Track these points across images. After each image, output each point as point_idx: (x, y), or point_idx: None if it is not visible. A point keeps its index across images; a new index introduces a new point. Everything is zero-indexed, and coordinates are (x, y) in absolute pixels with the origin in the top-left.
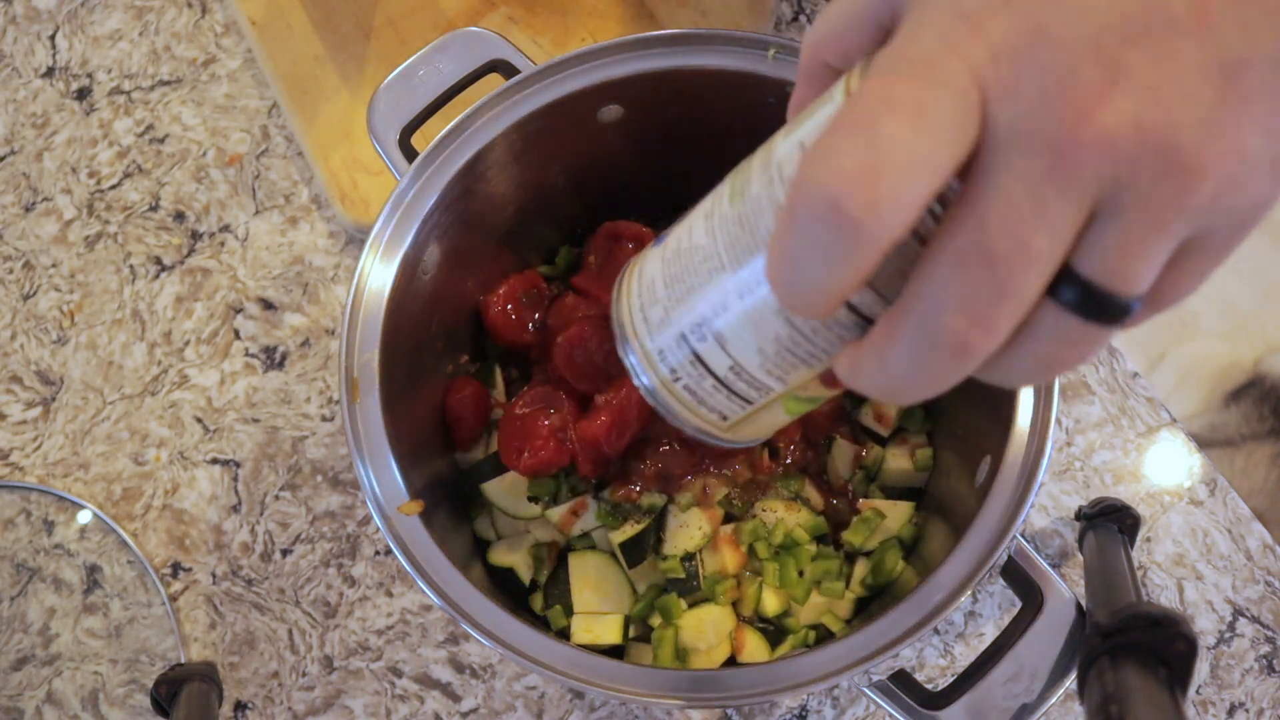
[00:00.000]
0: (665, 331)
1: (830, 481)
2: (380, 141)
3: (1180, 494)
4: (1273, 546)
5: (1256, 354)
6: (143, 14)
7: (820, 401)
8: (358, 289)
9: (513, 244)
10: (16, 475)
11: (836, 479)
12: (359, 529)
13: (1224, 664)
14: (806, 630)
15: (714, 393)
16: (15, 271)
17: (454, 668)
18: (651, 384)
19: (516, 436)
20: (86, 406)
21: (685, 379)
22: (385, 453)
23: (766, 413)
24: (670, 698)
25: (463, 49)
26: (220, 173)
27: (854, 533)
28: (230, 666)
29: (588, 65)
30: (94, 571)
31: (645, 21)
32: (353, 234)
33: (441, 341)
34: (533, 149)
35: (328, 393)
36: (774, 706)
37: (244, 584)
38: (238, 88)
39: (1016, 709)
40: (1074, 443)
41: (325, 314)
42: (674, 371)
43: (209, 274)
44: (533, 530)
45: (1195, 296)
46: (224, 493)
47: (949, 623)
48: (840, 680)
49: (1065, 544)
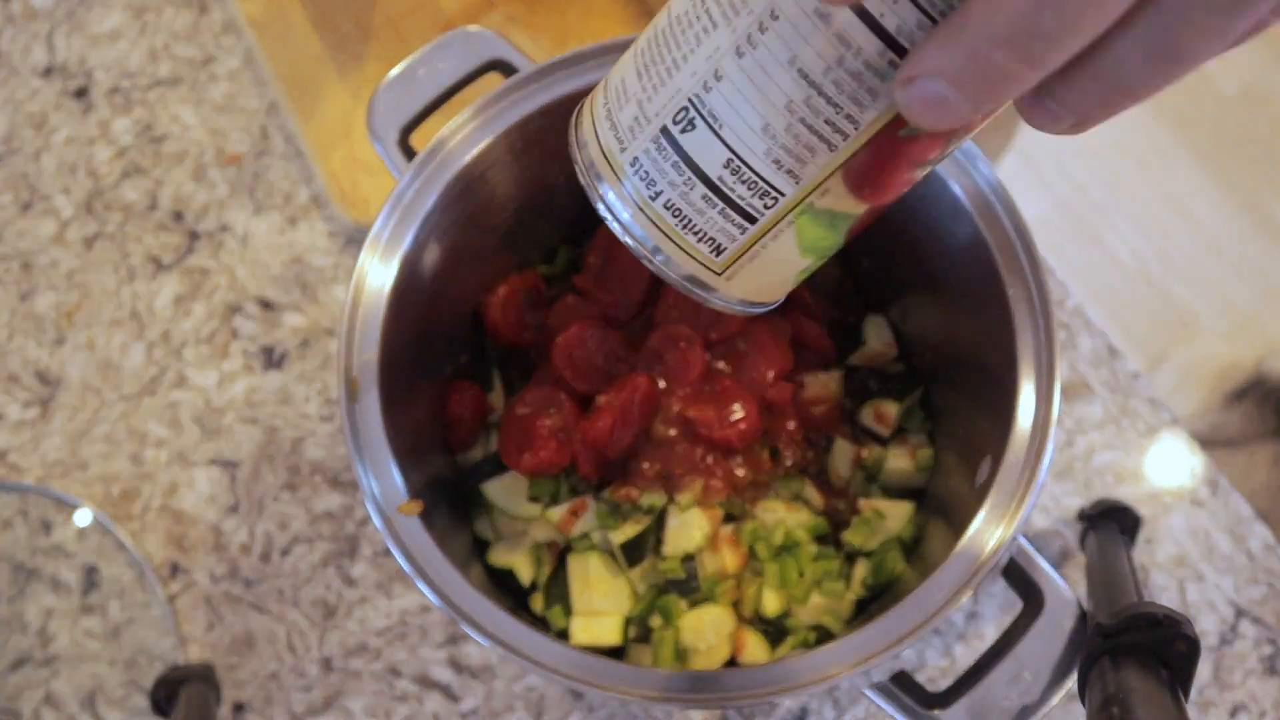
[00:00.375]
0: (641, 133)
1: (830, 482)
2: (380, 141)
3: (1182, 494)
4: (1275, 547)
5: (1257, 354)
6: (141, 13)
7: (843, 233)
8: (357, 289)
9: (513, 244)
10: (14, 475)
11: (837, 479)
12: (358, 529)
13: (1226, 665)
14: (806, 631)
15: (706, 208)
16: (13, 271)
17: (453, 668)
18: (629, 215)
19: (517, 437)
20: (85, 407)
21: (668, 192)
22: (385, 453)
23: (775, 244)
24: (670, 698)
25: (462, 49)
26: (219, 172)
27: (854, 533)
28: (229, 667)
29: (588, 65)
30: (92, 572)
31: (645, 21)
32: (352, 234)
33: (441, 341)
34: (533, 149)
35: (327, 393)
36: (774, 707)
37: (243, 585)
38: (237, 87)
39: (1017, 710)
40: (1075, 443)
41: (325, 314)
42: (652, 185)
43: (208, 274)
44: (532, 531)
45: (1195, 297)
46: (223, 493)
47: (949, 623)
48: (840, 681)
49: (1066, 544)
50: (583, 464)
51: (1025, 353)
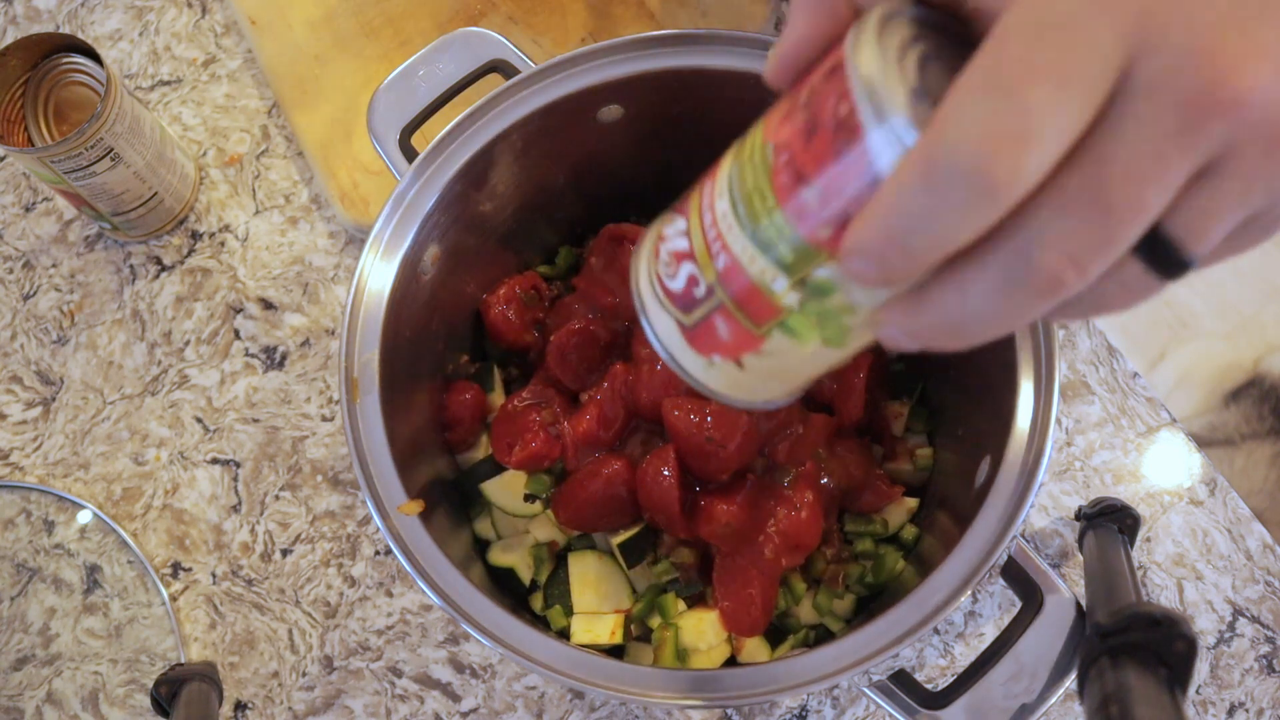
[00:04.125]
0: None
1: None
2: (380, 141)
3: (1180, 494)
4: (1273, 546)
5: (1256, 354)
6: (143, 14)
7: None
8: (358, 289)
9: (513, 244)
10: (16, 475)
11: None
12: (359, 529)
13: (1224, 664)
14: (806, 630)
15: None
16: (15, 271)
17: (454, 668)
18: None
19: (508, 432)
20: (86, 406)
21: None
22: (385, 452)
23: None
24: (670, 698)
25: (463, 49)
26: (220, 173)
27: (853, 524)
28: (230, 666)
29: (588, 65)
30: (94, 571)
31: (645, 21)
32: (353, 234)
33: (441, 341)
34: (533, 149)
35: (328, 393)
36: (774, 706)
37: (244, 584)
38: (238, 88)
39: (1016, 709)
40: (1074, 443)
41: (325, 314)
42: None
43: (209, 274)
44: (532, 530)
45: (1195, 297)
46: (224, 493)
47: (949, 623)
48: (840, 680)
49: (1065, 544)
50: (569, 459)
51: (1024, 352)
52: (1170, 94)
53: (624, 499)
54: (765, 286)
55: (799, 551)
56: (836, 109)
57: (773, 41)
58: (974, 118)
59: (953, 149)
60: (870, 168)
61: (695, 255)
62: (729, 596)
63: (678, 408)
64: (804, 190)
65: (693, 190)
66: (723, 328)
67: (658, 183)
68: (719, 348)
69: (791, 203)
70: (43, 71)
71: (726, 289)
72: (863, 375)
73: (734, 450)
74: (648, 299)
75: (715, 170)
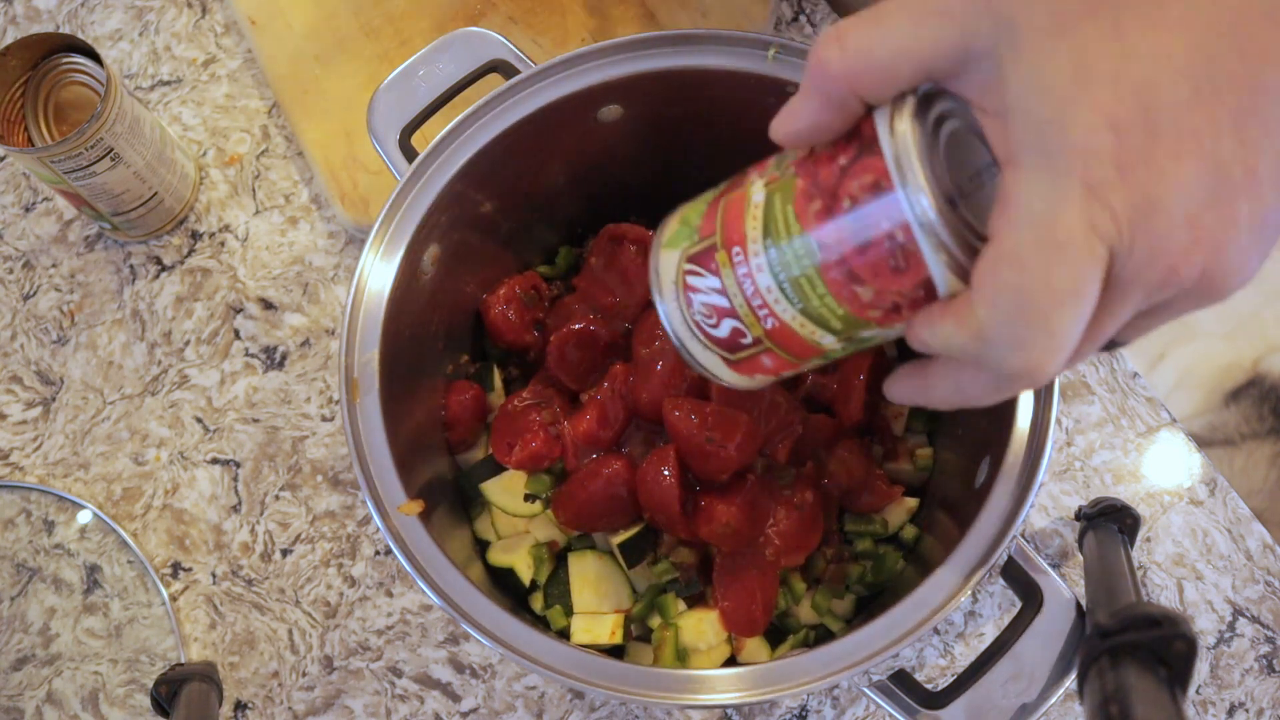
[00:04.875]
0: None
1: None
2: (380, 141)
3: (1180, 494)
4: (1272, 546)
5: (1256, 354)
6: (143, 14)
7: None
8: (358, 289)
9: (513, 244)
10: (16, 475)
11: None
12: (359, 529)
13: (1224, 664)
14: (806, 630)
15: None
16: (15, 271)
17: (454, 668)
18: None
19: (508, 432)
20: (87, 406)
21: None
22: (385, 452)
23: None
24: (670, 698)
25: (463, 49)
26: (220, 173)
27: (853, 522)
28: (230, 666)
29: (588, 65)
30: (94, 571)
31: (645, 21)
32: (353, 234)
33: (441, 341)
34: (533, 149)
35: (328, 393)
36: (774, 706)
37: (244, 584)
38: (238, 88)
39: (1016, 709)
40: (1074, 443)
41: (325, 314)
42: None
43: (209, 274)
44: (532, 530)
45: None
46: (224, 493)
47: (949, 623)
48: (840, 680)
49: (1065, 544)
50: (569, 459)
51: None
52: (1138, 286)
53: (624, 499)
54: (814, 341)
55: (799, 551)
56: (893, 235)
57: (772, 41)
58: (1013, 341)
59: (1001, 362)
60: (923, 282)
61: (739, 315)
62: (729, 596)
63: (678, 408)
64: (859, 289)
65: (703, 230)
66: (767, 361)
67: (658, 183)
68: (761, 370)
69: (847, 297)
70: (43, 71)
71: (774, 341)
72: (863, 376)
73: (734, 450)
74: (687, 340)
75: (736, 228)
